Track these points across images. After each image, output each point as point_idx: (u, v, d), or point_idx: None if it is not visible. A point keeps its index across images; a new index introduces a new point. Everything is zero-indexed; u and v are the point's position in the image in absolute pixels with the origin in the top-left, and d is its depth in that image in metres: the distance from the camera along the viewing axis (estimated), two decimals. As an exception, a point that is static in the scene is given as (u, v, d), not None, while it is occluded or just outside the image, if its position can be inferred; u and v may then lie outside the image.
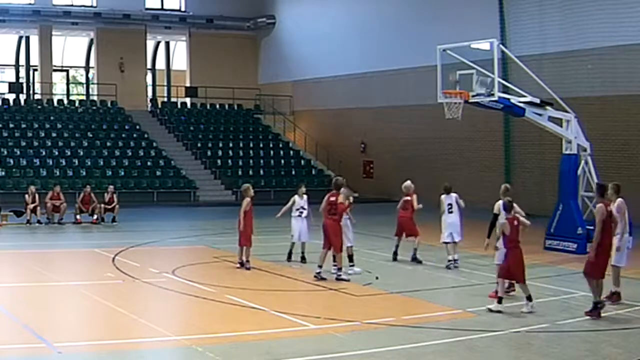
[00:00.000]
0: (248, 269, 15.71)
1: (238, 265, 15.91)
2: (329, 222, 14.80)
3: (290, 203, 17.24)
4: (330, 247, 14.66)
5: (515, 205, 12.57)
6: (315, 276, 14.51)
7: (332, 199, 14.87)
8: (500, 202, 13.02)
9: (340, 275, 14.54)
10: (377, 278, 14.88)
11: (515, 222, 12.19)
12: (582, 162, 19.14)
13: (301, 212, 17.07)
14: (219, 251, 18.26)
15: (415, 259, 16.97)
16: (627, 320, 11.61)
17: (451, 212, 16.73)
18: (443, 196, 16.86)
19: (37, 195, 23.54)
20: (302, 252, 16.94)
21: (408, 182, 17.78)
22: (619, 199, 12.81)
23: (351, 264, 15.53)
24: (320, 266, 14.59)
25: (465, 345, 10.15)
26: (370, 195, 34.79)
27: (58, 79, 43.11)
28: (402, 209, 17.41)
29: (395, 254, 17.22)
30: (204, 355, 9.47)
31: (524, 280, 12.09)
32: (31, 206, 23.28)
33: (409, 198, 17.38)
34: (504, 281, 12.16)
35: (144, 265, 16.03)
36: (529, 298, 11.90)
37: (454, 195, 16.88)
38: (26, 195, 23.62)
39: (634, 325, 11.19)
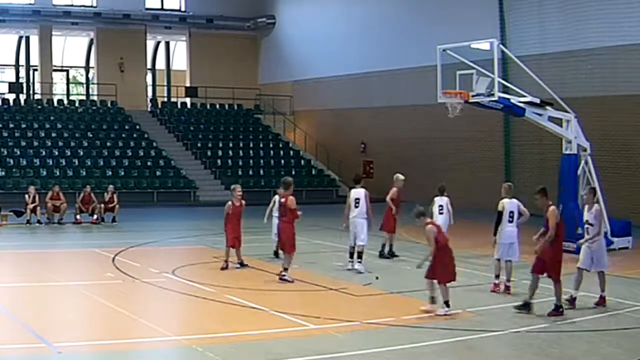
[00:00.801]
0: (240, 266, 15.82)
1: (238, 265, 15.94)
2: (281, 224, 14.86)
3: (272, 204, 17.22)
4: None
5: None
6: (280, 279, 14.39)
7: (282, 200, 14.81)
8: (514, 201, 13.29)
9: (284, 275, 14.40)
10: (377, 278, 14.88)
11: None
12: (582, 162, 19.15)
13: None
14: (219, 251, 18.22)
15: (383, 255, 17.55)
16: (627, 320, 11.60)
17: (441, 213, 16.97)
18: (437, 198, 17.24)
19: (37, 196, 23.54)
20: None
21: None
22: (596, 206, 12.84)
23: (359, 260, 15.74)
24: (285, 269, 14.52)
25: (465, 345, 10.15)
26: (370, 196, 34.76)
27: (58, 79, 43.13)
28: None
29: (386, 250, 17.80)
30: (204, 355, 9.47)
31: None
32: (31, 206, 23.28)
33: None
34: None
35: (144, 265, 16.03)
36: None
37: (445, 198, 17.26)
38: (26, 196, 23.62)
39: (634, 325, 11.19)
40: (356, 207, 16.20)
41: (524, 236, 14.08)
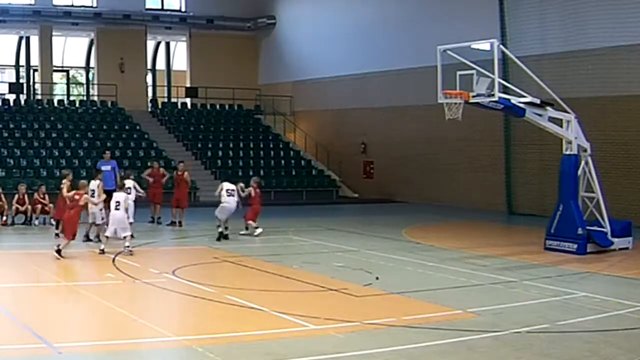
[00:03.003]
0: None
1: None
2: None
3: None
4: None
5: None
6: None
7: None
8: None
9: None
10: (377, 278, 14.88)
11: None
12: (583, 162, 19.14)
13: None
14: (219, 251, 18.26)
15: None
16: (627, 320, 11.60)
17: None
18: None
19: (26, 196, 23.39)
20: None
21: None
22: None
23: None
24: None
25: (466, 345, 10.15)
26: (370, 196, 34.83)
27: (58, 79, 43.14)
28: None
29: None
30: (204, 355, 9.47)
31: None
32: (23, 208, 23.11)
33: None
34: None
35: (144, 265, 16.03)
36: None
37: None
38: (15, 196, 23.48)
39: (634, 326, 11.18)
40: None
41: None
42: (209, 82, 40.13)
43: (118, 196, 17.79)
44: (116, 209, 17.53)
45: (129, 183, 19.75)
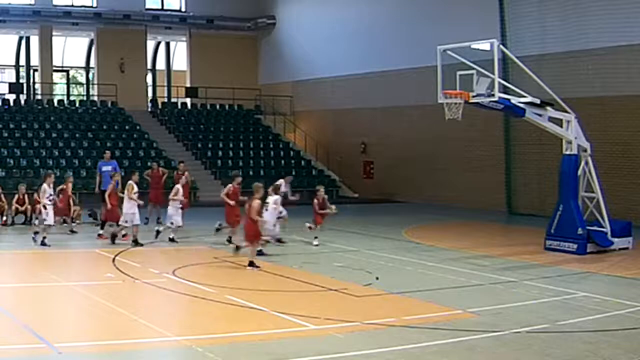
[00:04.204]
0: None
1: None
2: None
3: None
4: None
5: None
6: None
7: None
8: None
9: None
10: (377, 278, 14.88)
11: None
12: (583, 162, 19.14)
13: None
14: (219, 252, 18.26)
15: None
16: (627, 320, 11.60)
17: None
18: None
19: (26, 196, 23.36)
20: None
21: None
22: None
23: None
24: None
25: (466, 345, 10.15)
26: (370, 196, 34.81)
27: (58, 79, 43.14)
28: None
29: None
30: (204, 356, 9.46)
31: None
32: (22, 208, 23.11)
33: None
34: None
35: (144, 265, 16.03)
36: None
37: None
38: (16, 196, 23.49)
39: (634, 326, 11.18)
40: None
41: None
42: (209, 82, 40.13)
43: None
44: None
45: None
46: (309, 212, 20.23)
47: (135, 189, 19.22)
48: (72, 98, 41.43)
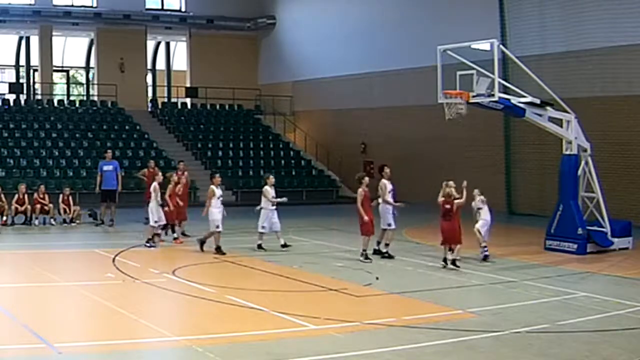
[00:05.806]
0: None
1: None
2: None
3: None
4: None
5: None
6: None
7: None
8: None
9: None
10: (377, 278, 14.89)
11: None
12: (583, 162, 19.14)
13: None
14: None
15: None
16: (627, 320, 11.60)
17: None
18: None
19: (26, 195, 23.40)
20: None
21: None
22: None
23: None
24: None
25: (466, 345, 10.15)
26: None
27: (58, 79, 43.14)
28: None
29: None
30: (204, 355, 9.47)
31: None
32: (22, 208, 23.11)
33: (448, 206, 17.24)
34: None
35: (144, 265, 16.04)
36: None
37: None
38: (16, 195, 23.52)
39: (634, 326, 11.18)
40: None
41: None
42: (209, 82, 40.11)
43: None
44: None
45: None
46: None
47: (217, 193, 18.38)
48: (72, 98, 41.44)
